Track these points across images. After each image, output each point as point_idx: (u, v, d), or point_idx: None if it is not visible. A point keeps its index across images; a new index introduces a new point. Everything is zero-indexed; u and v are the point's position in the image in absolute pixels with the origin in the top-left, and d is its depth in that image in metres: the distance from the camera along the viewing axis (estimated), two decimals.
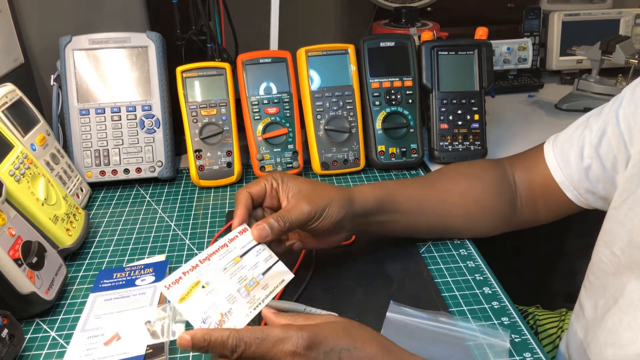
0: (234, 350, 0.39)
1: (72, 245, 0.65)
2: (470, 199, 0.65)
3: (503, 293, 0.60)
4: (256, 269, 0.50)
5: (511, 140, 1.00)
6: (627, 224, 0.51)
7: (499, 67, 1.17)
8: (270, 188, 0.56)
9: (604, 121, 0.58)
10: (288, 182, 0.56)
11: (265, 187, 0.56)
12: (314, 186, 0.57)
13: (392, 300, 0.56)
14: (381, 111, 0.88)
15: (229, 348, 0.39)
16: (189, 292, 0.45)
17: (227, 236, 0.51)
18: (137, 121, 0.85)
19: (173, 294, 0.44)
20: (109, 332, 0.53)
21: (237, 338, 0.40)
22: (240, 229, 0.52)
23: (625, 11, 1.30)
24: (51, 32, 0.88)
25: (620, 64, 1.07)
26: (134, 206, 0.81)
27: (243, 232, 0.52)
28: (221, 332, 0.40)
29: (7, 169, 0.61)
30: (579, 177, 0.60)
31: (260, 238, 0.52)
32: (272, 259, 0.52)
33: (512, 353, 0.51)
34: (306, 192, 0.55)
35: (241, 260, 0.50)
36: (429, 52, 0.89)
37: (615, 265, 0.53)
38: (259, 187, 0.56)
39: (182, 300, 0.44)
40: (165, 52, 0.87)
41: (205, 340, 0.40)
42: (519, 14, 1.31)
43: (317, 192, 0.56)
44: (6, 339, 0.49)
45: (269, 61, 0.88)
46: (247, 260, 0.51)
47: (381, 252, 0.67)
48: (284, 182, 0.56)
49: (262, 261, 0.51)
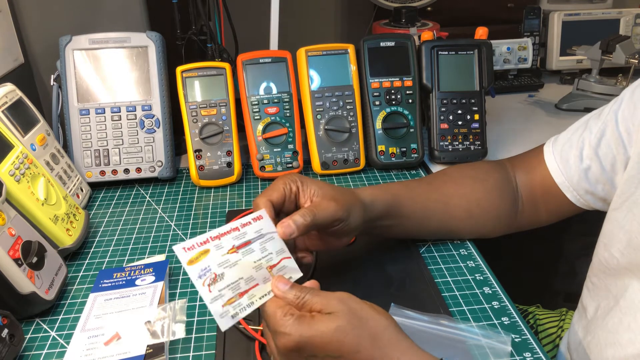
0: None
1: (72, 245, 0.65)
2: (473, 202, 0.65)
3: (503, 293, 0.60)
4: (267, 258, 0.49)
5: (511, 140, 1.00)
6: (626, 225, 0.51)
7: (499, 67, 1.17)
8: (289, 192, 0.54)
9: (604, 123, 0.58)
10: (309, 183, 0.55)
11: (284, 192, 0.54)
12: (333, 187, 0.56)
13: (393, 301, 0.56)
14: (381, 111, 0.88)
15: None
16: (199, 257, 0.46)
17: (239, 220, 0.49)
18: (137, 121, 0.85)
19: (183, 257, 0.45)
20: (109, 332, 0.53)
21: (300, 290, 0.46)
22: (254, 215, 0.50)
23: (625, 11, 1.30)
24: (51, 32, 0.88)
25: (620, 64, 1.07)
26: (134, 206, 0.81)
27: (257, 219, 0.50)
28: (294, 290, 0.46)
29: (7, 169, 0.61)
30: (579, 178, 0.60)
31: (285, 236, 0.50)
32: (284, 253, 0.51)
33: (512, 353, 0.51)
34: (329, 192, 0.54)
35: (251, 245, 0.49)
36: (429, 52, 0.89)
37: (615, 267, 0.53)
38: (278, 193, 0.53)
39: (190, 263, 0.45)
40: (165, 52, 0.87)
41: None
42: (519, 13, 1.31)
43: (339, 193, 0.55)
44: (6, 339, 0.49)
45: (269, 61, 0.88)
46: (257, 248, 0.49)
47: (381, 253, 0.67)
48: (304, 184, 0.54)
49: (274, 252, 0.50)
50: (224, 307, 0.45)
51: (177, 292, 0.61)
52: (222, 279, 0.46)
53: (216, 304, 0.45)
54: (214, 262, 0.46)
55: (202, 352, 0.52)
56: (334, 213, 0.52)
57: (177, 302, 0.54)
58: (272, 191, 0.53)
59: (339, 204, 0.53)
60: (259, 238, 0.50)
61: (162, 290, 0.58)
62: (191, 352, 0.52)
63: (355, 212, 0.55)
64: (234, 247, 0.48)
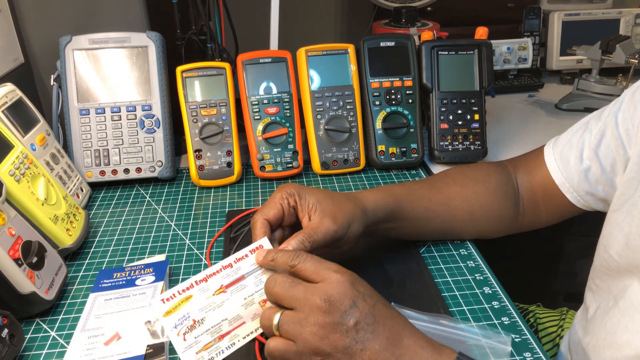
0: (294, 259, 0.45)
1: (72, 245, 0.65)
2: (475, 203, 0.65)
3: (503, 293, 0.60)
4: (261, 292, 0.48)
5: (511, 140, 1.00)
6: (625, 227, 0.51)
7: (499, 67, 1.17)
8: (288, 206, 0.53)
9: (604, 123, 0.58)
10: (306, 196, 0.54)
11: (282, 208, 0.53)
12: (333, 200, 0.54)
13: (393, 301, 0.56)
14: (381, 111, 0.88)
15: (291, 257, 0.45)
16: (178, 305, 0.44)
17: (234, 255, 0.48)
18: (137, 121, 0.85)
19: (159, 309, 0.44)
20: (109, 332, 0.53)
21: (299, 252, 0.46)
22: (253, 246, 0.49)
23: (625, 11, 1.30)
24: (51, 32, 0.88)
25: (620, 64, 1.07)
26: (134, 206, 0.81)
27: (256, 250, 0.49)
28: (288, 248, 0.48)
29: (7, 169, 0.61)
30: (579, 179, 0.60)
31: None
32: None
33: (512, 353, 0.51)
34: (328, 207, 0.53)
35: (244, 280, 0.47)
36: (429, 52, 0.89)
37: (615, 268, 0.53)
38: (276, 210, 0.53)
39: (167, 314, 0.44)
40: (165, 52, 0.87)
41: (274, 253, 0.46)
42: (519, 13, 1.31)
43: (338, 208, 0.53)
44: (6, 339, 0.49)
45: (269, 61, 0.88)
46: (252, 282, 0.48)
47: (381, 252, 0.67)
48: (302, 197, 0.54)
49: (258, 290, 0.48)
50: (198, 354, 0.44)
51: None
52: (202, 323, 0.45)
53: (189, 352, 0.43)
54: (195, 308, 0.45)
55: None
56: (334, 234, 0.52)
57: None
58: (269, 209, 0.53)
59: (337, 222, 0.52)
60: (256, 271, 0.48)
61: (162, 290, 0.58)
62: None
63: (355, 223, 0.54)
64: (222, 286, 0.46)
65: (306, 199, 0.54)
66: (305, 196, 0.54)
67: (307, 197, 0.54)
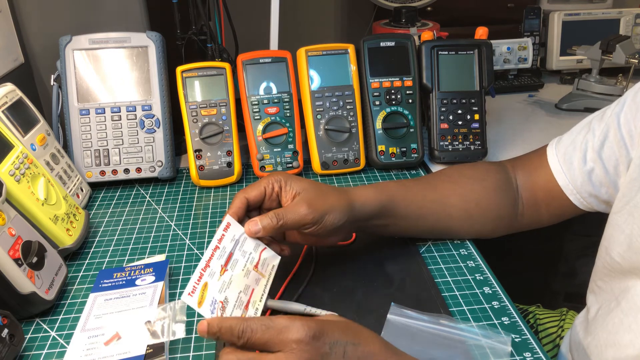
0: (241, 336, 0.41)
1: (72, 245, 0.65)
2: (471, 202, 0.65)
3: (503, 293, 0.60)
4: (250, 259, 0.52)
5: (511, 140, 1.00)
6: (627, 229, 0.51)
7: (499, 67, 1.17)
8: (271, 191, 0.56)
9: (606, 125, 0.58)
10: (291, 183, 0.56)
11: (264, 190, 0.55)
12: (317, 190, 0.56)
13: (393, 301, 0.56)
14: (381, 111, 0.88)
15: (236, 334, 0.41)
16: (203, 294, 0.47)
17: (215, 237, 0.51)
18: (137, 121, 0.85)
19: (190, 302, 0.46)
20: (109, 332, 0.53)
21: (245, 325, 0.41)
22: (223, 226, 0.52)
23: (625, 11, 1.30)
24: (51, 32, 0.88)
25: (620, 64, 1.07)
26: (134, 206, 0.81)
27: (227, 227, 0.52)
28: (231, 320, 0.42)
29: (7, 169, 0.61)
30: (582, 180, 0.60)
31: (251, 233, 0.52)
32: (260, 247, 0.54)
33: (512, 353, 0.51)
34: (309, 195, 0.55)
35: (234, 255, 0.51)
36: (429, 52, 0.89)
37: (618, 270, 0.53)
38: (258, 191, 0.55)
39: (199, 305, 0.47)
40: (165, 52, 0.87)
41: (217, 327, 0.42)
42: (519, 13, 1.31)
43: (319, 196, 0.55)
44: (6, 339, 0.49)
45: (269, 61, 0.88)
46: (239, 255, 0.52)
47: (381, 252, 0.66)
48: (287, 184, 0.56)
49: (253, 251, 0.53)
50: None
51: (177, 292, 0.61)
52: (228, 302, 0.48)
53: None
54: (215, 291, 0.48)
55: (202, 352, 0.52)
56: (303, 217, 0.53)
57: (177, 302, 0.54)
58: (251, 189, 0.56)
59: (311, 208, 0.53)
60: (236, 245, 0.52)
61: (162, 290, 0.58)
62: (191, 352, 0.52)
63: (335, 214, 0.55)
64: (222, 267, 0.50)
65: (291, 185, 0.56)
66: (290, 183, 0.56)
67: (292, 184, 0.56)
